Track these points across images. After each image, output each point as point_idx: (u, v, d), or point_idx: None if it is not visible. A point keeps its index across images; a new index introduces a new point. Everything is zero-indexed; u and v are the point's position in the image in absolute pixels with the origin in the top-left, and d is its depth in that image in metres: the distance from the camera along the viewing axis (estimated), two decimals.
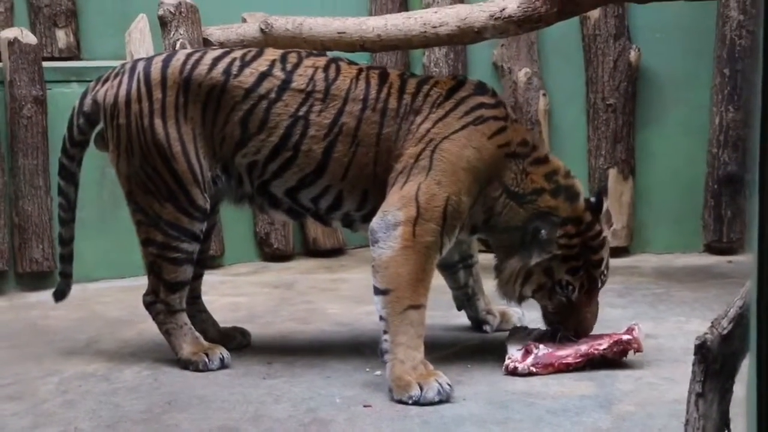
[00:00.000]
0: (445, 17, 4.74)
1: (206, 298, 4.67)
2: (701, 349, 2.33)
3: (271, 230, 5.45)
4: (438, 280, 4.12)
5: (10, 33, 4.92)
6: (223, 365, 3.61)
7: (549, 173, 3.54)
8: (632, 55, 5.40)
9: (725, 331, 2.32)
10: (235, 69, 3.59)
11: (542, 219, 3.45)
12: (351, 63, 3.70)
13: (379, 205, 3.46)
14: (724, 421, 2.36)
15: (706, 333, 2.35)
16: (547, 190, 3.51)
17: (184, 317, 3.69)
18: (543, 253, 3.46)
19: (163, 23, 5.17)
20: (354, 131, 3.52)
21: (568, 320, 3.55)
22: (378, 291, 3.34)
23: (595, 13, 5.30)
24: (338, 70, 3.61)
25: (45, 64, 4.96)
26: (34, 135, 4.82)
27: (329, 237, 5.57)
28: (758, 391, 1.73)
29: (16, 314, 4.45)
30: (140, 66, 3.66)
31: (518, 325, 3.94)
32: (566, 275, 3.50)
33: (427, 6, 5.49)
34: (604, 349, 3.48)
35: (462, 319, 4.26)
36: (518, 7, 4.59)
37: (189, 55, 3.67)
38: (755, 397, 2.22)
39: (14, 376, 3.58)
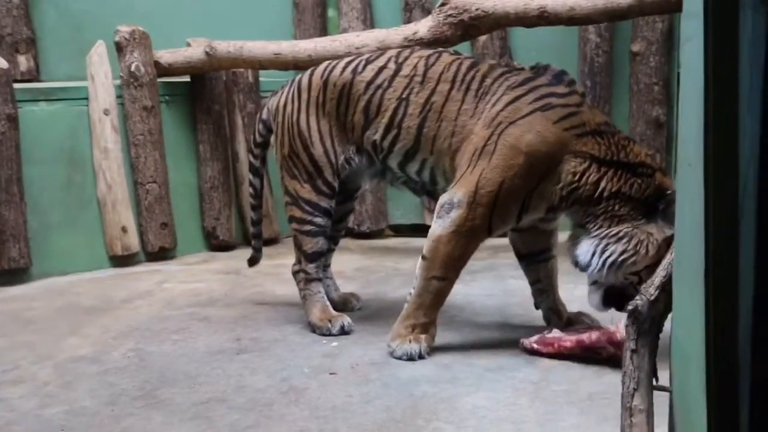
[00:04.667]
0: (365, 39, 4.63)
1: (167, 285, 4.51)
2: (634, 313, 2.31)
3: (216, 224, 5.25)
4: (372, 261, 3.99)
5: None
6: (343, 332, 3.53)
7: (648, 153, 3.21)
8: None
9: (652, 297, 2.32)
10: (360, 67, 3.50)
11: (674, 192, 2.99)
12: (453, 53, 3.52)
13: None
14: (652, 370, 2.36)
15: (637, 299, 2.34)
16: (656, 168, 3.16)
17: (318, 286, 3.65)
18: (673, 225, 2.93)
19: (119, 48, 4.90)
20: (441, 108, 3.31)
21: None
22: (421, 255, 3.24)
23: (482, 36, 5.28)
24: (438, 58, 3.43)
25: (15, 85, 4.63)
26: (8, 148, 4.48)
27: (266, 228, 5.37)
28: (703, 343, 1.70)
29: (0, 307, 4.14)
30: (297, 77, 3.67)
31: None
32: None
33: (344, 31, 5.38)
34: (596, 338, 3.11)
35: (393, 292, 4.19)
36: (428, 31, 4.53)
37: (329, 63, 3.63)
38: (675, 345, 2.21)
39: (12, 363, 3.31)
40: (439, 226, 3.18)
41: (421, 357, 3.20)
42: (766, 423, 1.56)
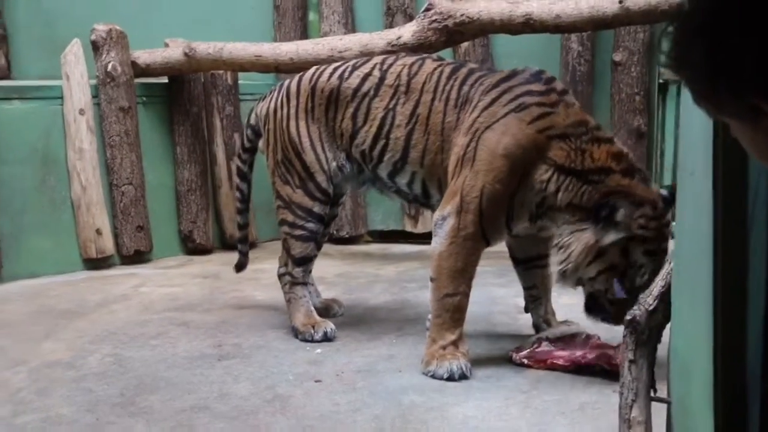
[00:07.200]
0: (348, 43, 4.59)
1: (144, 289, 4.41)
2: (632, 323, 2.27)
3: (193, 228, 5.15)
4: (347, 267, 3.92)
5: None
6: (326, 338, 3.47)
7: (615, 154, 3.00)
8: None
9: (651, 307, 2.28)
10: (347, 74, 3.45)
11: (619, 197, 2.92)
12: (436, 59, 3.43)
13: None
14: (651, 381, 2.32)
15: (635, 309, 2.30)
16: (616, 171, 2.98)
17: (303, 290, 3.59)
18: (621, 232, 2.90)
19: (96, 47, 4.81)
20: (426, 120, 3.27)
21: (622, 309, 2.63)
22: (430, 278, 3.15)
23: (465, 43, 5.25)
24: (420, 66, 3.37)
25: None
26: None
27: None
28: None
29: None
30: (285, 82, 3.61)
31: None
32: (643, 257, 2.92)
33: (325, 35, 5.32)
34: (592, 359, 3.05)
35: (375, 299, 4.14)
36: (412, 36, 4.50)
37: (317, 68, 3.58)
38: (675, 356, 2.17)
39: None
40: (437, 243, 3.11)
41: (463, 377, 3.02)
42: None
